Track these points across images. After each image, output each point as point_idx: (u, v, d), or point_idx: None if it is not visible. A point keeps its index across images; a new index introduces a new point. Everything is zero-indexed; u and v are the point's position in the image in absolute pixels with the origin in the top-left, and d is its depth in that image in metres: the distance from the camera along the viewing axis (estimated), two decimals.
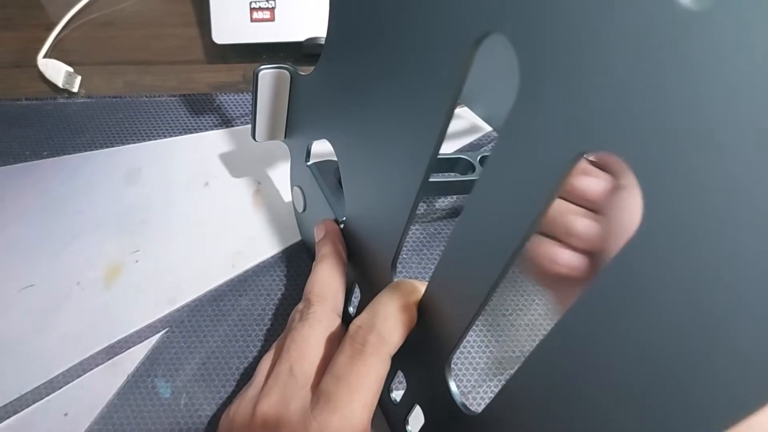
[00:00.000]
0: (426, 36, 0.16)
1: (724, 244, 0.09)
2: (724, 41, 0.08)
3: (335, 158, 0.24)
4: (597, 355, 0.13)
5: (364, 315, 0.21)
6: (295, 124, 0.30)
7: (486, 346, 0.30)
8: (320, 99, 0.25)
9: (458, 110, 0.44)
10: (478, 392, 0.28)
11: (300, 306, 0.25)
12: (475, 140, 0.43)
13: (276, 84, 0.28)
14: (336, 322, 0.24)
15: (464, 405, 0.19)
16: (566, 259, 0.20)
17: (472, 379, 0.29)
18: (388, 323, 0.20)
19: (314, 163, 0.29)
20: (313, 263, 0.26)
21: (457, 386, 0.20)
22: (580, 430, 0.14)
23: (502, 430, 0.17)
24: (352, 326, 0.21)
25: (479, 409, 0.18)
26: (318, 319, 0.23)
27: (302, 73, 0.27)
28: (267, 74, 0.28)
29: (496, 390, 0.19)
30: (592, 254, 0.20)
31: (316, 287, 0.25)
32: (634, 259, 0.11)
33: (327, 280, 0.25)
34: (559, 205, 0.22)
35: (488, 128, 0.43)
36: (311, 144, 0.29)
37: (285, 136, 0.31)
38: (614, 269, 0.12)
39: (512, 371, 0.16)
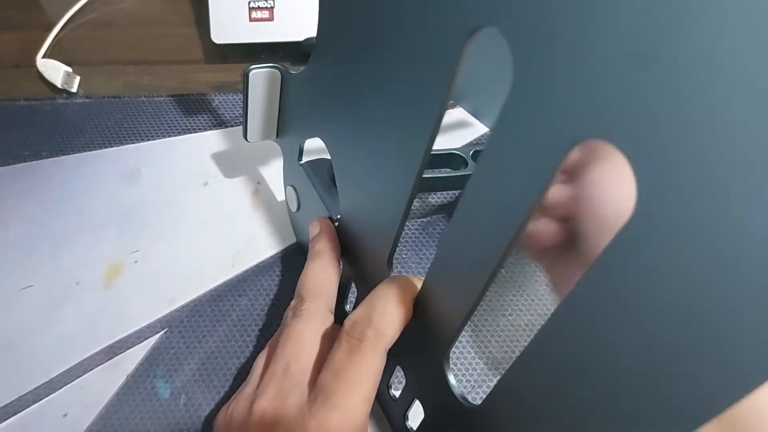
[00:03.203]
0: (417, 31, 0.16)
1: (721, 230, 0.09)
2: (719, 27, 0.08)
3: (328, 156, 0.24)
4: (596, 343, 0.13)
5: (360, 310, 0.21)
6: (287, 124, 0.29)
7: (486, 346, 0.30)
8: (312, 97, 0.25)
9: (456, 109, 0.44)
10: (478, 392, 0.28)
11: (293, 303, 0.25)
12: (475, 139, 0.43)
13: (267, 83, 0.28)
14: (329, 318, 0.24)
15: (463, 397, 0.19)
16: (541, 228, 0.21)
17: (472, 379, 0.29)
18: (384, 318, 0.20)
19: (307, 162, 0.29)
20: (306, 260, 0.26)
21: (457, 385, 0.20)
22: (579, 418, 0.14)
23: (502, 420, 0.17)
24: (348, 321, 0.21)
25: (478, 403, 0.18)
26: (311, 315, 0.23)
27: (293, 72, 0.27)
28: (257, 74, 0.28)
29: None
30: (567, 220, 0.21)
31: (308, 284, 0.25)
32: (628, 246, 0.11)
33: (319, 277, 0.25)
34: None
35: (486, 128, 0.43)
36: (303, 143, 0.28)
37: (277, 136, 0.31)
38: (608, 258, 0.12)
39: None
